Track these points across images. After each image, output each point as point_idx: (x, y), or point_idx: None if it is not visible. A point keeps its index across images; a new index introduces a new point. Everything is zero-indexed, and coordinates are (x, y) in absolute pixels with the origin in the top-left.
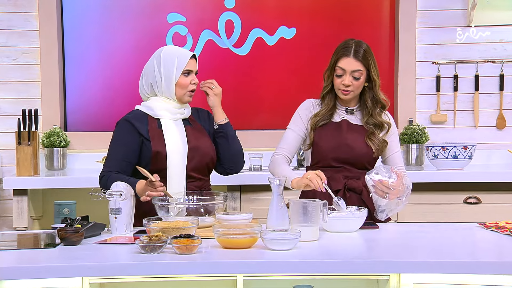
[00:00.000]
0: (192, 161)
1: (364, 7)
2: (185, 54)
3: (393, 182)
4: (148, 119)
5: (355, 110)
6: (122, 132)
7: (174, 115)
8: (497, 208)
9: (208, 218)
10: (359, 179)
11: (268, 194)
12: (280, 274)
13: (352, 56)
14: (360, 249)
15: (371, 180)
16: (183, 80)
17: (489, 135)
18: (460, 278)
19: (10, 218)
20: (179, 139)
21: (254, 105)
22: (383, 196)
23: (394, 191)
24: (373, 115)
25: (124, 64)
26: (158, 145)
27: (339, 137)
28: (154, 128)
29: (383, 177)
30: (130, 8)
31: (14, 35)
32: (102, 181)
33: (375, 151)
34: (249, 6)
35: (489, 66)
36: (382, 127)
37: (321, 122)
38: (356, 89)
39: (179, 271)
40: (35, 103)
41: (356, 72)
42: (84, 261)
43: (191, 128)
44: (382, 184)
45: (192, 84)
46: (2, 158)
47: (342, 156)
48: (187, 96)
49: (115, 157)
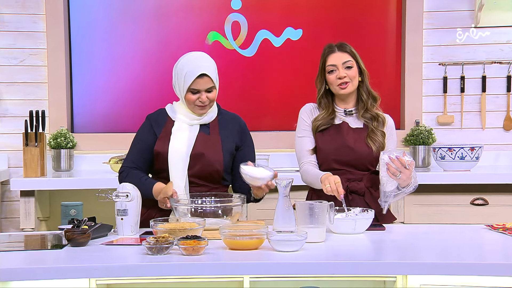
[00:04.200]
0: (195, 167)
1: (371, 9)
2: (193, 72)
3: (408, 160)
4: (167, 120)
5: (353, 111)
6: (141, 128)
7: (191, 120)
8: (505, 209)
9: (226, 219)
10: (361, 181)
11: (274, 195)
12: (286, 275)
13: (338, 51)
14: (366, 251)
15: (388, 157)
16: (189, 96)
17: (496, 137)
18: (467, 279)
19: (17, 219)
20: (183, 143)
21: (260, 107)
22: (396, 175)
23: (407, 172)
24: (368, 108)
25: (130, 65)
26: (161, 146)
27: (340, 140)
28: (168, 129)
29: (400, 155)
30: (137, 10)
31: (21, 37)
32: (121, 176)
33: (375, 150)
34: (255, 8)
35: (496, 67)
36: (378, 120)
37: (322, 127)
38: (353, 79)
39: (186, 272)
40: (42, 104)
41: (347, 62)
42: (91, 262)
43: (205, 135)
44: (398, 161)
45: (199, 101)
46: (9, 159)
47: (344, 158)
48: (196, 109)
49: (132, 152)
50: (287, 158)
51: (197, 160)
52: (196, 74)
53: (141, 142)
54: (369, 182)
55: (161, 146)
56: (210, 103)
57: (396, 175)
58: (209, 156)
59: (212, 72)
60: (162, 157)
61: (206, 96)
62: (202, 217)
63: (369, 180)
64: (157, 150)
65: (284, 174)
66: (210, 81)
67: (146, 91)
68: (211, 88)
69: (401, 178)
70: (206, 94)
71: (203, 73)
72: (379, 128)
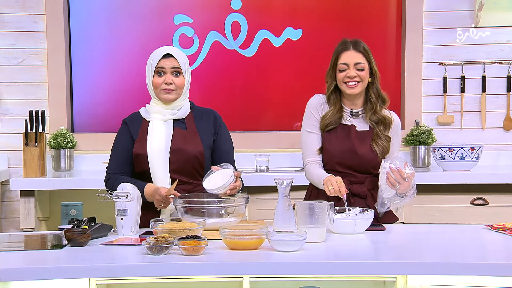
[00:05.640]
0: (176, 163)
1: (371, 8)
2: (158, 53)
3: (408, 173)
4: (142, 121)
5: (360, 113)
6: (119, 134)
7: (164, 116)
8: (505, 209)
9: (231, 218)
10: (363, 184)
11: (274, 195)
12: (286, 275)
13: (353, 49)
14: (366, 251)
15: (388, 167)
16: (155, 80)
17: (496, 137)
18: (467, 279)
19: (17, 219)
20: (161, 141)
21: (260, 106)
22: (394, 186)
23: (406, 183)
24: (376, 110)
25: (130, 65)
26: (139, 148)
27: (346, 143)
28: (144, 130)
29: (401, 167)
30: (136, 10)
31: (21, 37)
32: (108, 184)
33: (380, 154)
34: (255, 7)
35: (496, 67)
36: (385, 123)
37: (330, 126)
38: (363, 80)
39: (186, 272)
40: (42, 104)
41: (359, 64)
42: (91, 262)
43: (181, 130)
44: (398, 173)
45: (164, 84)
46: (9, 159)
47: (348, 162)
48: (162, 94)
49: (114, 158)
50: (287, 158)
51: (177, 155)
52: (161, 53)
53: (121, 146)
54: (371, 184)
55: (140, 148)
56: (177, 89)
57: (395, 186)
58: (189, 150)
59: (178, 55)
60: (142, 158)
61: (172, 79)
62: (206, 217)
63: (371, 183)
64: (136, 152)
65: (284, 174)
66: (176, 62)
67: (146, 91)
68: (177, 71)
69: (399, 189)
70: (172, 78)
71: (168, 53)
72: (384, 132)
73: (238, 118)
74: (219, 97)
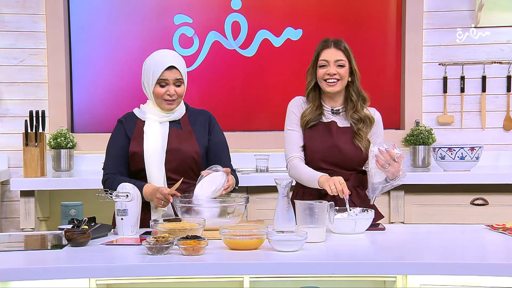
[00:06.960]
0: (172, 163)
1: (371, 9)
2: (161, 65)
3: (398, 153)
4: (137, 121)
5: (340, 110)
6: (114, 133)
7: (160, 118)
8: (505, 209)
9: (233, 218)
10: (348, 181)
11: (274, 195)
12: (286, 275)
13: (334, 47)
14: (366, 251)
15: (377, 150)
16: (157, 90)
17: (496, 137)
18: (468, 279)
19: (17, 219)
20: (157, 140)
21: (260, 106)
22: (384, 167)
23: (396, 164)
24: (357, 109)
25: (130, 65)
26: (135, 146)
27: (329, 139)
28: (139, 129)
29: (390, 148)
30: (136, 10)
31: (21, 37)
32: (106, 185)
33: (364, 150)
34: (255, 8)
35: (496, 67)
36: (365, 122)
37: (311, 123)
38: (342, 78)
39: (186, 272)
40: (42, 104)
41: (339, 61)
42: (91, 262)
43: (177, 130)
44: (388, 154)
45: (167, 95)
46: (9, 159)
47: (331, 158)
48: (164, 104)
49: (110, 158)
50: None
51: (174, 155)
52: (165, 66)
53: (117, 146)
54: (356, 181)
55: (136, 146)
56: (178, 98)
57: (385, 167)
58: (186, 150)
59: (180, 65)
60: (138, 157)
61: (174, 89)
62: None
63: (356, 180)
64: (133, 150)
65: (284, 174)
66: (178, 73)
67: None
68: (179, 82)
69: (389, 170)
70: (175, 88)
71: (171, 65)
72: (365, 129)
73: (238, 118)
74: (219, 97)
